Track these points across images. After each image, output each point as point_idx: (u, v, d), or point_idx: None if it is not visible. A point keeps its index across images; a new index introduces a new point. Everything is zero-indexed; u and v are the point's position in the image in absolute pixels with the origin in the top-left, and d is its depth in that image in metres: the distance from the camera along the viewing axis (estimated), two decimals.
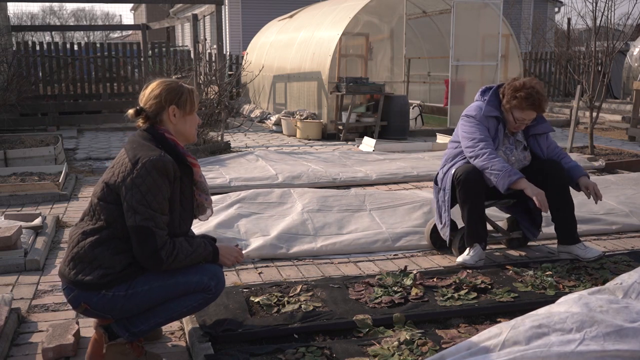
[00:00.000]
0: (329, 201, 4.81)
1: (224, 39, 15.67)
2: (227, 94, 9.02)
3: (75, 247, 2.43)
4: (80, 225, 2.49)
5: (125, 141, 2.52)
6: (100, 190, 2.44)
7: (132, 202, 2.34)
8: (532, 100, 3.59)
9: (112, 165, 2.49)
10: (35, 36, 28.38)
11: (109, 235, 2.40)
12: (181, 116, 2.56)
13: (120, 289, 2.39)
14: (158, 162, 2.37)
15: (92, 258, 2.39)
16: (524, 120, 3.67)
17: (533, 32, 19.22)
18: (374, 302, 3.01)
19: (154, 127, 2.52)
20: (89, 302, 2.41)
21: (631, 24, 8.70)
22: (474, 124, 3.68)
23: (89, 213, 2.49)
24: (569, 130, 8.08)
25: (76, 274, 2.40)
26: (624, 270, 3.37)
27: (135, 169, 2.36)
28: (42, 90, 13.36)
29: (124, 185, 2.36)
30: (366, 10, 10.34)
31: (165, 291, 2.44)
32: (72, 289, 2.42)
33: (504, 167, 3.50)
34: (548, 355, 2.09)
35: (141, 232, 2.34)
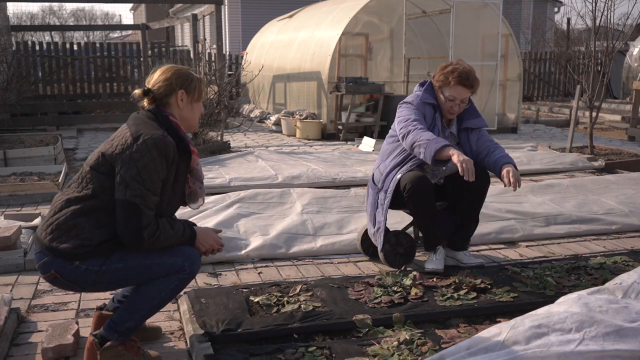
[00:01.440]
0: (329, 201, 4.81)
1: (224, 38, 15.69)
2: (227, 93, 9.02)
3: (56, 214, 2.40)
4: (66, 192, 2.45)
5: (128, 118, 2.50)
6: (94, 159, 2.41)
7: (126, 176, 2.31)
8: (458, 73, 3.48)
9: (112, 138, 2.46)
10: (35, 36, 28.38)
11: (93, 206, 2.37)
12: (188, 102, 2.55)
13: (95, 263, 2.36)
14: (160, 141, 2.35)
15: (71, 226, 2.36)
16: (455, 100, 3.51)
17: (533, 32, 19.25)
18: (373, 302, 3.01)
19: (159, 108, 2.51)
20: (61, 271, 2.37)
21: (631, 24, 8.70)
22: (410, 109, 3.56)
23: (77, 180, 2.45)
24: (569, 130, 8.08)
25: (52, 240, 2.36)
26: (624, 270, 3.38)
27: (135, 144, 2.33)
28: (42, 90, 13.36)
29: (121, 157, 2.34)
30: (366, 10, 10.34)
31: (139, 271, 2.41)
32: (45, 255, 2.38)
33: (430, 136, 3.34)
34: (547, 355, 2.09)
35: (128, 208, 2.31)
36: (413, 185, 3.41)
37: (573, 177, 6.42)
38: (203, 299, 3.02)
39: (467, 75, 3.49)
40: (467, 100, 3.57)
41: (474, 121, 3.64)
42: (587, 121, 8.47)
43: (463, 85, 3.49)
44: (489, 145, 3.61)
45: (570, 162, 6.95)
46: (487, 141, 3.63)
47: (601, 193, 5.32)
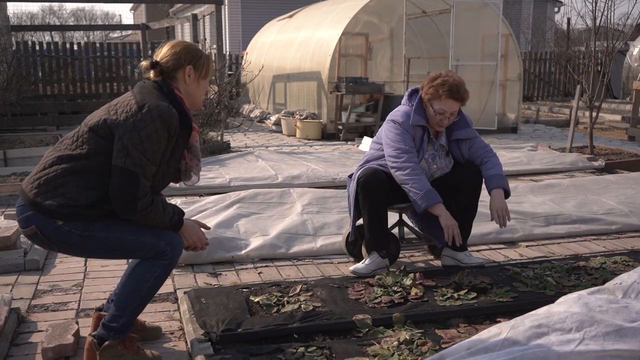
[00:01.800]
0: (329, 201, 4.81)
1: (224, 38, 15.67)
2: (227, 93, 9.02)
3: (46, 169, 2.37)
4: (58, 149, 2.42)
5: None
6: (95, 122, 2.38)
7: (128, 143, 2.29)
8: (448, 87, 3.38)
9: (115, 103, 2.43)
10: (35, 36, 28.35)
11: (85, 166, 2.34)
12: (195, 78, 2.53)
13: (78, 227, 2.34)
14: (165, 112, 2.34)
15: (59, 184, 2.33)
16: (445, 113, 3.42)
17: (533, 32, 19.25)
18: (373, 302, 3.01)
19: (166, 81, 2.49)
20: (42, 228, 2.34)
21: (631, 24, 8.70)
22: (399, 132, 3.46)
23: (71, 138, 2.42)
24: (569, 130, 8.08)
25: (37, 195, 2.34)
26: (624, 270, 3.38)
27: (140, 112, 2.31)
28: (42, 90, 13.36)
29: (124, 125, 2.31)
30: (366, 10, 10.34)
31: (120, 246, 2.39)
32: (28, 209, 2.36)
33: (424, 187, 3.33)
34: (548, 355, 2.09)
35: (127, 176, 2.29)
36: (364, 177, 3.44)
37: (573, 177, 6.42)
38: (203, 299, 3.02)
39: (458, 88, 3.41)
40: (457, 113, 3.49)
41: (464, 132, 3.56)
42: (587, 121, 8.47)
43: (454, 98, 3.40)
44: (482, 153, 3.57)
45: (570, 162, 6.95)
46: (480, 148, 3.59)
47: (601, 193, 5.32)
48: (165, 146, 2.38)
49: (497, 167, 3.52)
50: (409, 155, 3.41)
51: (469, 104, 3.86)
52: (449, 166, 3.61)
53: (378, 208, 3.46)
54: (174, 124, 2.37)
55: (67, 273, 3.65)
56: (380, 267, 3.48)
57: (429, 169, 3.56)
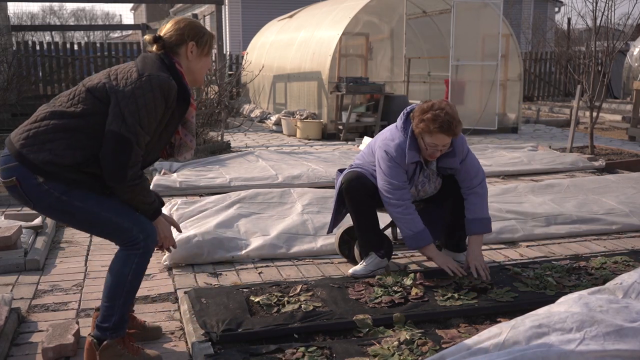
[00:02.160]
0: (329, 201, 4.81)
1: (224, 38, 15.68)
2: (227, 93, 9.02)
3: (37, 122, 2.35)
4: (52, 104, 2.41)
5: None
6: (94, 84, 2.38)
7: (125, 110, 2.28)
8: (439, 122, 3.21)
9: (116, 69, 2.43)
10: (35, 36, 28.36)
11: (77, 125, 2.33)
12: (197, 55, 2.53)
13: (57, 189, 2.31)
14: (165, 82, 2.34)
15: (47, 139, 2.31)
16: (437, 147, 3.29)
17: (533, 32, 19.25)
18: (374, 302, 3.01)
19: (168, 54, 2.50)
20: (22, 181, 2.32)
21: (631, 24, 8.70)
22: (392, 165, 3.37)
23: (67, 96, 2.40)
24: (569, 130, 8.08)
25: (23, 146, 2.31)
26: (624, 270, 3.38)
27: (140, 80, 2.32)
28: (42, 90, 13.36)
29: (123, 91, 2.31)
30: (366, 10, 10.34)
31: (93, 221, 2.38)
32: (12, 160, 2.33)
33: (416, 227, 3.33)
34: (548, 355, 2.09)
35: (121, 141, 2.28)
36: (346, 183, 3.46)
37: (573, 177, 6.42)
38: (203, 299, 3.02)
39: (450, 124, 3.22)
40: (449, 144, 3.35)
41: (450, 161, 3.43)
42: (587, 121, 8.48)
43: (445, 134, 3.25)
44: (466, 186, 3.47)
45: (570, 162, 6.95)
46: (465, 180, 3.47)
47: (601, 193, 5.31)
48: (160, 117, 2.38)
49: (477, 206, 3.43)
50: (402, 191, 3.37)
51: (469, 105, 3.86)
52: (438, 187, 3.58)
53: (366, 210, 3.46)
54: (172, 96, 2.38)
55: (67, 273, 3.65)
56: (379, 267, 3.48)
57: (417, 194, 3.55)
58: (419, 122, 3.30)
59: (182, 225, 4.21)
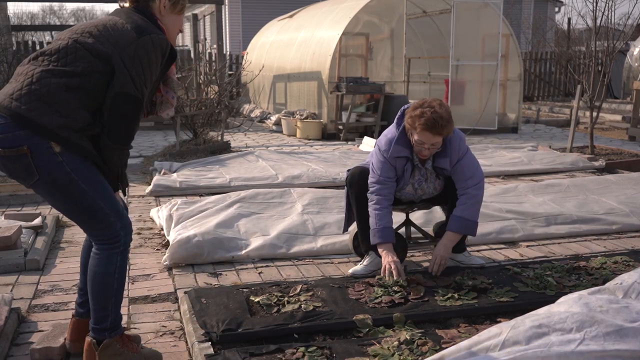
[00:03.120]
0: (329, 201, 4.81)
1: (224, 38, 15.67)
2: (227, 93, 9.02)
3: (34, 84, 2.21)
4: (40, 63, 2.27)
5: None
6: (90, 44, 2.27)
7: (132, 71, 2.26)
8: (424, 119, 3.19)
9: (103, 25, 2.33)
10: (35, 36, 28.37)
11: (78, 84, 2.24)
12: (170, 11, 2.51)
13: (71, 163, 2.23)
14: (164, 42, 2.35)
15: (55, 100, 2.20)
16: (424, 144, 3.27)
17: (533, 31, 19.24)
18: (374, 302, 3.01)
19: (147, 9, 2.45)
20: (35, 150, 2.18)
21: (631, 24, 8.70)
22: (381, 160, 3.41)
23: (56, 54, 2.28)
24: (569, 130, 8.08)
25: (30, 110, 2.17)
26: (624, 270, 3.38)
27: (140, 39, 2.28)
28: None
29: (124, 51, 2.26)
30: (366, 10, 10.34)
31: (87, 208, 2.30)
32: (17, 126, 2.17)
33: (377, 224, 3.34)
34: (548, 355, 2.09)
35: (132, 102, 2.26)
36: (350, 177, 3.52)
37: (573, 177, 6.42)
38: (203, 299, 3.02)
39: (435, 122, 3.19)
40: (439, 144, 3.33)
41: (442, 161, 3.42)
42: (587, 121, 8.47)
43: (430, 132, 3.22)
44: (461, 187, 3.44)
45: (570, 162, 6.95)
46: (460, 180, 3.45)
47: (602, 193, 5.31)
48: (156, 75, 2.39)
49: (465, 205, 3.39)
50: (381, 186, 3.40)
51: (469, 105, 3.87)
52: (439, 188, 3.57)
53: (367, 206, 3.47)
54: (167, 54, 2.38)
55: (67, 273, 3.65)
56: (379, 267, 3.46)
57: (415, 194, 3.55)
58: (408, 117, 3.32)
59: (182, 225, 4.21)
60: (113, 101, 2.25)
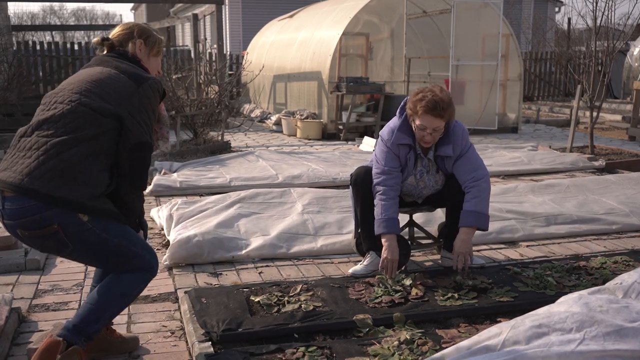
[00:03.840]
0: (329, 201, 4.81)
1: (224, 38, 15.67)
2: (228, 93, 9.02)
3: (52, 159, 2.18)
4: (48, 134, 2.23)
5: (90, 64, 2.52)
6: (91, 100, 2.29)
7: (141, 121, 2.34)
8: (426, 103, 3.23)
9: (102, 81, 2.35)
10: (36, 36, 28.38)
11: (95, 148, 2.26)
12: (146, 53, 2.56)
13: (99, 225, 2.26)
14: (159, 85, 2.44)
15: (78, 171, 2.20)
16: (426, 129, 3.28)
17: (533, 31, 19.23)
18: (374, 302, 3.01)
19: (127, 51, 2.52)
20: (66, 225, 2.19)
21: (631, 24, 8.70)
22: (384, 150, 3.44)
23: (61, 120, 2.26)
24: (569, 130, 8.08)
25: (56, 189, 2.16)
26: (624, 270, 3.38)
27: (141, 88, 2.36)
28: (43, 89, 13.36)
29: (130, 104, 2.32)
30: (366, 10, 10.34)
31: (123, 256, 2.35)
32: (45, 208, 2.16)
33: (382, 216, 3.32)
34: (548, 355, 2.09)
35: (148, 148, 2.36)
36: (354, 175, 3.51)
37: (573, 177, 6.42)
38: (204, 299, 3.03)
39: (436, 104, 3.23)
40: (441, 129, 3.35)
41: (445, 149, 3.43)
42: (587, 121, 8.47)
43: (431, 114, 3.25)
44: (466, 179, 3.42)
45: (570, 162, 6.95)
46: (465, 172, 3.43)
47: (602, 193, 5.31)
48: None
49: (478, 199, 3.35)
50: (386, 177, 3.40)
51: (469, 104, 3.88)
52: (440, 183, 3.56)
53: (370, 205, 3.46)
54: (162, 94, 2.47)
55: (67, 273, 3.65)
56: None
57: (417, 186, 3.55)
58: (409, 103, 3.37)
59: (182, 225, 4.21)
60: (132, 152, 2.32)
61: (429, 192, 3.60)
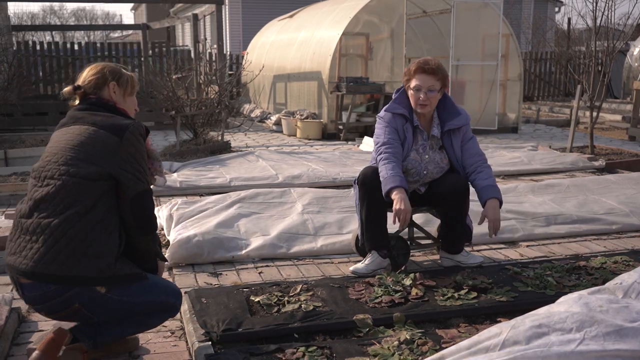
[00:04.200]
0: (329, 201, 4.81)
1: (224, 38, 15.68)
2: (228, 93, 9.02)
3: (60, 241, 2.19)
4: (47, 214, 2.24)
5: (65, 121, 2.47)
6: (78, 168, 2.27)
7: (134, 171, 2.32)
8: (417, 62, 3.50)
9: (83, 145, 2.31)
10: (36, 36, 28.38)
11: (97, 216, 2.26)
12: (121, 94, 2.53)
13: (118, 293, 2.30)
14: (140, 127, 2.40)
15: (87, 245, 2.21)
16: (422, 89, 3.43)
17: (533, 31, 19.23)
18: (374, 302, 3.01)
19: (100, 98, 2.47)
20: (86, 303, 2.25)
21: (631, 24, 8.70)
22: (381, 126, 3.55)
23: (55, 197, 2.25)
24: (569, 130, 8.08)
25: (71, 269, 2.19)
26: (624, 270, 3.38)
27: (123, 139, 2.33)
28: (43, 90, 13.36)
29: (118, 159, 2.30)
30: (366, 10, 10.34)
31: (149, 310, 2.42)
32: (64, 290, 2.21)
33: (389, 174, 3.34)
34: (548, 355, 2.09)
35: (148, 195, 2.37)
36: (361, 175, 3.52)
37: (573, 177, 6.42)
38: (204, 299, 3.03)
39: (427, 62, 3.48)
40: (435, 92, 3.48)
41: (455, 121, 3.59)
42: (587, 121, 8.47)
43: (424, 71, 3.44)
44: (477, 160, 3.58)
45: (570, 162, 6.95)
46: (475, 154, 3.60)
47: (602, 193, 5.32)
48: None
49: (492, 178, 3.57)
50: (387, 146, 3.46)
51: (469, 104, 3.92)
52: (444, 161, 3.59)
53: (376, 206, 3.45)
54: (145, 135, 2.43)
55: None
56: (380, 267, 3.47)
57: (422, 160, 3.55)
58: (404, 75, 3.56)
59: (182, 225, 4.21)
60: (132, 205, 2.31)
61: (434, 168, 3.56)
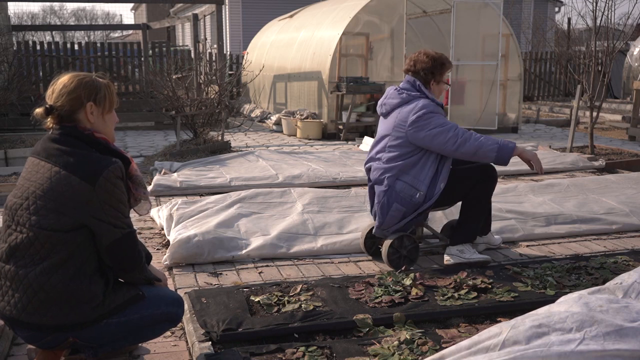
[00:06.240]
0: (330, 201, 4.81)
1: (224, 38, 15.69)
2: (228, 93, 9.02)
3: (39, 293, 2.11)
4: (23, 263, 2.14)
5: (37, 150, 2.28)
6: (48, 220, 2.13)
7: (108, 219, 2.16)
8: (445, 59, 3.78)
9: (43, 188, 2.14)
10: (36, 36, 28.39)
11: (75, 265, 2.14)
12: (99, 114, 2.27)
13: (113, 318, 2.24)
14: (117, 170, 2.17)
15: (69, 294, 2.13)
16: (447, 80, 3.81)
17: (533, 31, 19.22)
18: (374, 302, 3.02)
19: (76, 127, 2.23)
20: (78, 335, 2.20)
21: (631, 24, 8.71)
22: (438, 115, 3.60)
23: (30, 248, 2.14)
24: (569, 130, 8.08)
25: (54, 318, 2.13)
26: (624, 270, 3.38)
27: (96, 187, 2.12)
28: (43, 90, 13.35)
29: (90, 208, 2.13)
30: (366, 9, 10.34)
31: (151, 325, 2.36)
32: (48, 334, 2.16)
33: (495, 141, 3.50)
34: (548, 355, 2.09)
35: (126, 240, 2.22)
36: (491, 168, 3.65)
37: (573, 176, 6.42)
38: (204, 299, 3.03)
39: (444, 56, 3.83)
40: None
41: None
42: (587, 121, 8.48)
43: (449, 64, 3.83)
44: None
45: (570, 161, 6.95)
46: None
47: (602, 193, 5.32)
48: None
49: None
50: (460, 128, 3.58)
51: (469, 104, 3.96)
52: None
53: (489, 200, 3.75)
54: (125, 174, 2.23)
55: None
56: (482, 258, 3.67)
57: None
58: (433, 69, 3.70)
59: (182, 225, 4.21)
60: (109, 252, 2.20)
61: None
